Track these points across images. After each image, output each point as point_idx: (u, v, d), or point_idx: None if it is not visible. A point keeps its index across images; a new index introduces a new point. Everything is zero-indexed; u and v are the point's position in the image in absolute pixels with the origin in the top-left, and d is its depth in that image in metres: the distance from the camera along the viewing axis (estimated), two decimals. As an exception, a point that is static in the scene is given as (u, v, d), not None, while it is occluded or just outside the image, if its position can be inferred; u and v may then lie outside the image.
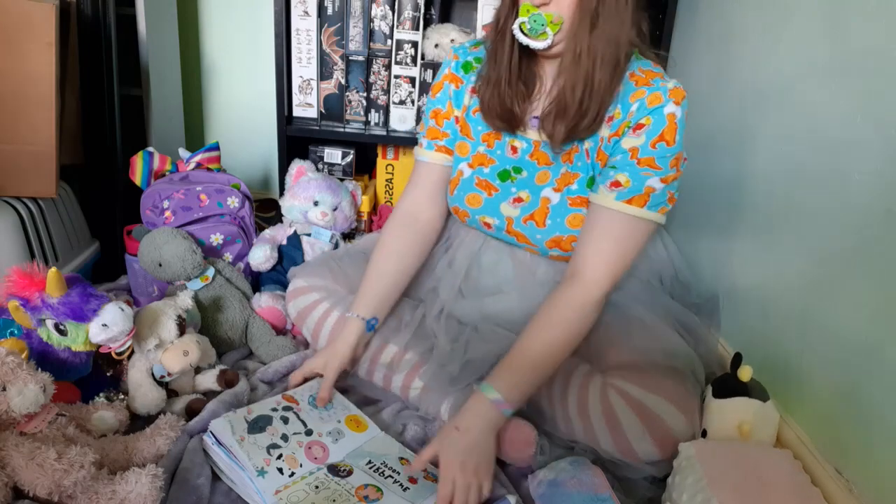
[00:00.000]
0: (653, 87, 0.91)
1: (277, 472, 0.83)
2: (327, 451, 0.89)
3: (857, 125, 0.90)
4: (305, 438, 0.90)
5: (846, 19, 0.95)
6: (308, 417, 0.94)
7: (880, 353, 0.83)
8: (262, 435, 0.87)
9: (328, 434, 0.92)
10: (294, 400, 0.97)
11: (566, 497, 0.82)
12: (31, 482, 0.74)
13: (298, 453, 0.87)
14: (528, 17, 0.89)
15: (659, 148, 0.91)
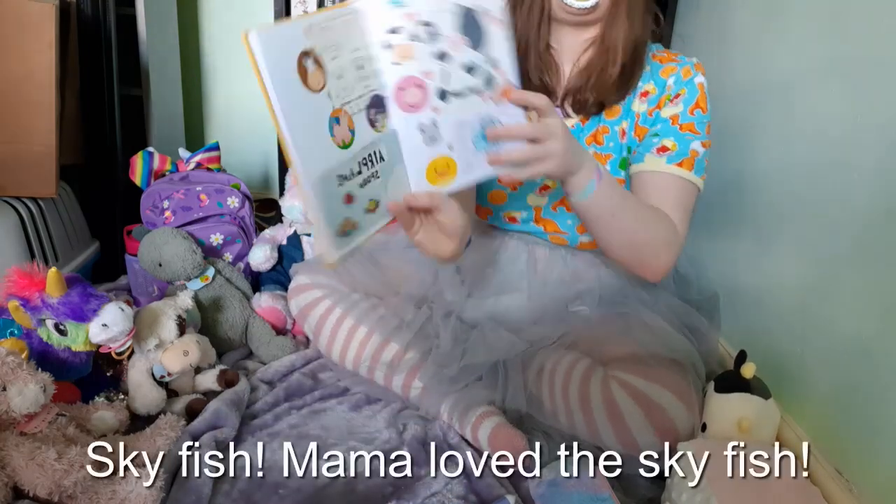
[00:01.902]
0: (680, 62, 0.96)
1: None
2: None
3: (857, 125, 0.90)
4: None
5: (846, 19, 0.95)
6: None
7: (880, 352, 0.83)
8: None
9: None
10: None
11: (566, 497, 0.82)
12: (31, 482, 0.74)
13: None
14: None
15: (696, 114, 0.94)
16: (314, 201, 0.63)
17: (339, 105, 0.63)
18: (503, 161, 0.71)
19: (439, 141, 0.70)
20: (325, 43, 0.61)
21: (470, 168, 0.72)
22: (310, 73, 0.60)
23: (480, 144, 0.70)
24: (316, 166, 0.62)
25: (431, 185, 0.72)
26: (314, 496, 0.85)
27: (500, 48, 0.67)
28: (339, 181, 0.65)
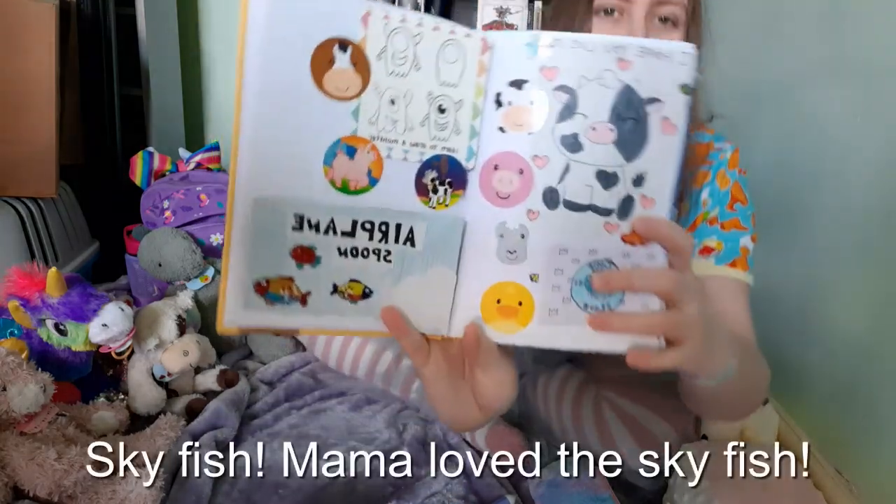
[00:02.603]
0: (714, 164, 0.81)
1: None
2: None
3: (857, 125, 0.90)
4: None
5: (846, 20, 0.95)
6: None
7: (880, 353, 0.83)
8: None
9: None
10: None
11: (566, 497, 0.82)
12: (31, 482, 0.74)
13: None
14: None
15: (737, 208, 0.81)
16: (237, 227, 0.41)
17: (368, 135, 0.42)
18: (614, 328, 0.45)
19: (520, 261, 0.46)
20: (390, 47, 0.41)
21: (552, 323, 0.46)
22: (335, 70, 0.40)
23: (580, 293, 0.46)
24: (266, 188, 0.41)
25: (483, 321, 0.47)
26: (314, 496, 0.85)
27: (659, 164, 0.44)
28: (295, 221, 0.42)
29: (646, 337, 0.45)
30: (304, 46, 0.40)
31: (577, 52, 0.43)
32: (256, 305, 0.42)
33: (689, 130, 0.53)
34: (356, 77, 0.41)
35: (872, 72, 0.88)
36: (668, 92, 0.44)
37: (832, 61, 0.97)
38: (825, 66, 0.99)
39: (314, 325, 0.45)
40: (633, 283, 0.45)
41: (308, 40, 0.40)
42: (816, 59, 1.02)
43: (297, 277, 0.43)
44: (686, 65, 0.43)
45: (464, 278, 0.47)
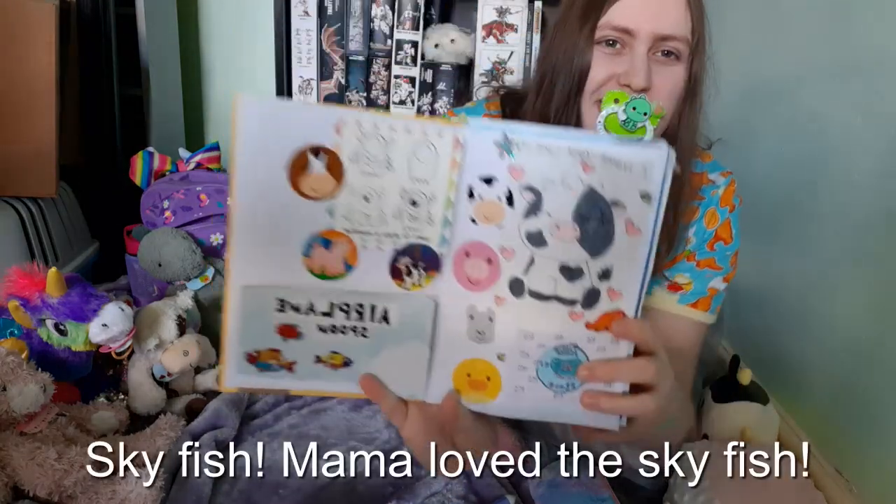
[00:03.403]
0: (704, 200, 0.80)
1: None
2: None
3: (857, 125, 0.90)
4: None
5: (847, 19, 0.95)
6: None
7: (880, 353, 0.83)
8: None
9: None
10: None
11: (566, 497, 0.82)
12: (31, 482, 0.74)
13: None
14: (624, 106, 0.65)
15: (717, 248, 0.81)
16: (231, 307, 0.47)
17: (342, 228, 0.46)
18: (605, 409, 0.51)
19: (488, 340, 0.50)
20: (364, 152, 0.45)
21: (518, 397, 0.51)
22: (311, 175, 0.44)
23: (546, 374, 0.50)
24: (253, 276, 0.46)
25: (455, 391, 0.52)
26: (314, 496, 0.85)
27: (625, 261, 0.48)
28: (278, 305, 0.47)
29: (614, 418, 0.52)
30: (281, 153, 0.44)
31: (542, 155, 0.46)
32: (249, 372, 0.49)
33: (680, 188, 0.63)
34: (330, 179, 0.45)
35: (873, 72, 0.88)
36: (631, 198, 0.46)
37: (832, 61, 0.97)
38: (825, 66, 0.99)
39: (300, 387, 0.51)
40: (620, 376, 0.50)
41: (285, 148, 0.44)
42: (816, 59, 1.02)
43: (283, 350, 0.49)
44: (647, 176, 0.46)
45: (437, 352, 0.51)
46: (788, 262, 1.05)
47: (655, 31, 0.68)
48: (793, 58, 1.09)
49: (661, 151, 0.46)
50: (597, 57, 0.71)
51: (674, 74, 0.70)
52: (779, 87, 1.12)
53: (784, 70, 1.11)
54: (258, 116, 0.44)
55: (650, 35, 0.68)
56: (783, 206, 1.08)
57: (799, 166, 1.04)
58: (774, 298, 1.08)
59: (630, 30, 0.69)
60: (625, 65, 0.69)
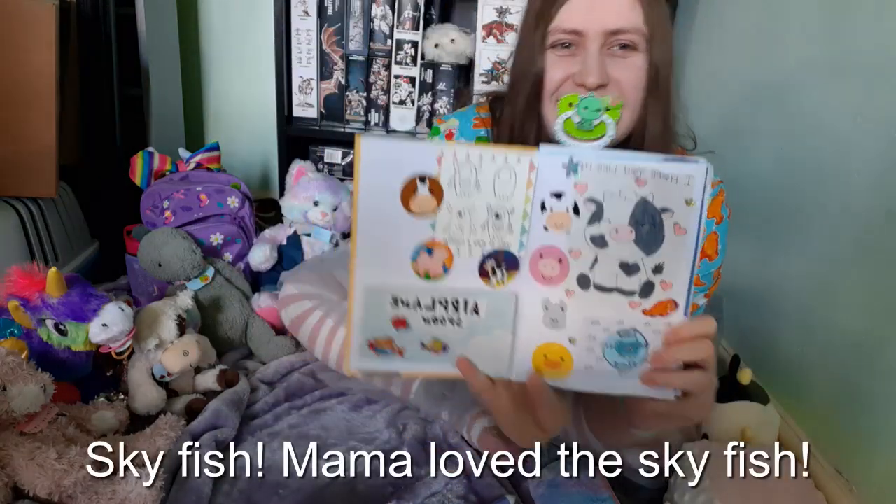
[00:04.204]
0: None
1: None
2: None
3: (857, 125, 0.90)
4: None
5: (846, 19, 0.95)
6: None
7: (880, 353, 0.83)
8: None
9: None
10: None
11: (566, 497, 0.82)
12: (31, 482, 0.74)
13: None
14: (575, 109, 0.69)
15: (702, 265, 0.80)
16: (355, 304, 0.59)
17: (442, 239, 0.57)
18: (661, 383, 0.59)
19: (561, 327, 0.59)
20: (458, 178, 0.56)
21: (589, 375, 0.60)
22: (417, 197, 0.56)
23: (611, 354, 0.59)
24: (373, 278, 0.58)
25: (535, 372, 0.61)
26: (314, 496, 0.85)
27: (675, 256, 0.56)
28: (393, 301, 0.59)
29: (670, 390, 0.59)
30: (395, 181, 0.55)
31: (602, 172, 0.55)
32: (369, 356, 0.60)
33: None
34: (433, 200, 0.56)
35: (872, 72, 0.88)
36: (677, 204, 0.55)
37: (832, 61, 0.97)
38: (825, 66, 0.99)
39: (409, 369, 0.62)
40: (680, 357, 0.57)
41: (398, 177, 0.55)
42: (816, 59, 1.02)
43: (395, 338, 0.60)
44: (690, 185, 0.54)
45: (518, 338, 0.60)
46: (788, 262, 1.05)
47: (604, 28, 0.69)
48: (793, 58, 1.09)
49: (700, 166, 0.54)
50: (553, 60, 0.73)
51: (634, 66, 0.71)
52: (779, 87, 1.12)
53: (784, 70, 1.11)
54: (376, 153, 0.54)
55: (599, 32, 0.70)
56: (783, 206, 1.08)
57: (799, 166, 1.04)
58: (774, 298, 1.08)
59: (579, 30, 0.70)
60: (579, 65, 0.71)
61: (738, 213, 1.20)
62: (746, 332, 1.15)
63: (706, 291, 0.83)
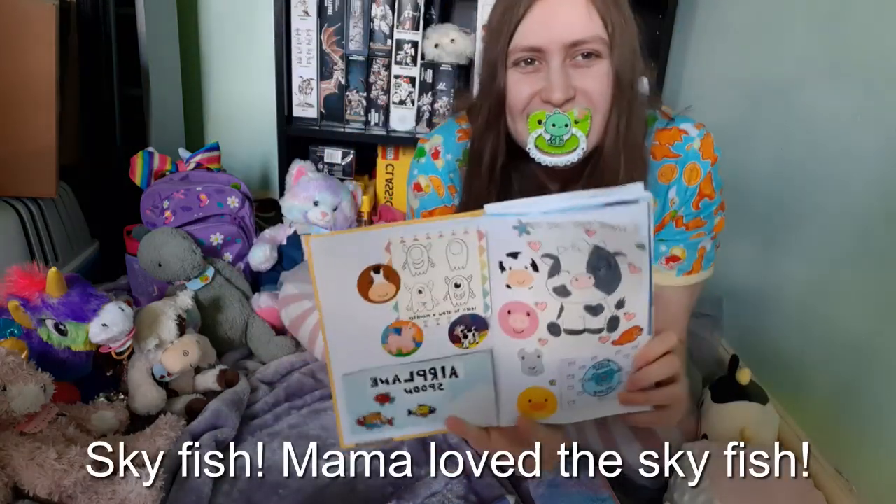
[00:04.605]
0: (680, 156, 0.79)
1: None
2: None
3: (857, 126, 0.90)
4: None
5: (846, 19, 0.95)
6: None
7: (880, 353, 0.83)
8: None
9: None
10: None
11: (566, 497, 0.82)
12: (31, 482, 0.74)
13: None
14: (544, 126, 0.71)
15: (702, 205, 0.80)
16: (337, 390, 0.62)
17: (407, 317, 0.59)
18: (639, 402, 0.63)
19: (539, 372, 0.62)
20: (409, 259, 0.57)
21: (573, 408, 0.64)
22: (375, 285, 0.57)
23: (590, 386, 0.62)
24: (348, 366, 0.61)
25: (522, 415, 0.65)
26: (314, 496, 0.85)
27: (633, 291, 0.58)
28: (372, 382, 0.61)
29: (645, 405, 0.63)
30: (350, 275, 0.57)
31: (552, 230, 0.56)
32: (360, 431, 0.64)
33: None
34: (390, 286, 0.58)
35: (872, 72, 0.88)
36: (629, 249, 0.56)
37: (832, 61, 0.97)
38: (825, 66, 0.99)
39: (401, 434, 0.65)
40: (652, 378, 0.61)
41: (352, 271, 0.57)
42: (816, 59, 1.02)
43: (382, 411, 0.63)
44: (636, 231, 0.56)
45: (501, 388, 0.63)
46: (788, 262, 1.05)
47: (563, 41, 0.69)
48: (792, 58, 1.09)
49: (642, 207, 0.55)
50: (518, 78, 0.73)
51: (599, 73, 0.71)
52: (779, 87, 1.12)
53: (784, 70, 1.11)
54: (325, 252, 0.56)
55: (559, 46, 0.70)
56: (783, 206, 1.08)
57: (799, 166, 1.04)
58: (774, 298, 1.08)
59: (538, 47, 0.70)
60: (544, 80, 0.71)
61: (738, 213, 1.20)
62: (746, 332, 1.15)
63: (711, 231, 0.83)
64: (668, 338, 0.61)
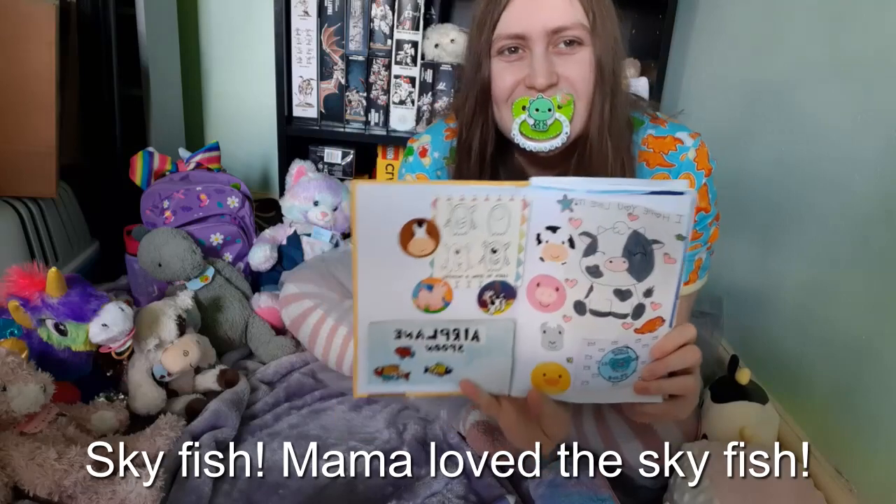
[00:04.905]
0: (674, 165, 0.79)
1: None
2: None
3: (857, 125, 0.90)
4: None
5: (846, 19, 0.95)
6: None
7: (880, 353, 0.83)
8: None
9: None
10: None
11: (566, 497, 0.82)
12: (31, 482, 0.74)
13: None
14: (528, 111, 0.72)
15: (698, 218, 0.80)
16: (359, 337, 0.62)
17: (440, 275, 0.59)
18: (652, 392, 0.63)
19: (558, 348, 0.63)
20: (453, 219, 0.57)
21: (585, 389, 0.64)
22: (415, 239, 0.57)
23: (605, 370, 0.63)
24: (376, 315, 0.61)
25: (534, 388, 0.65)
26: (314, 496, 0.85)
27: (663, 281, 0.59)
28: (396, 334, 0.62)
29: (657, 395, 0.64)
30: (393, 227, 0.56)
31: (595, 209, 0.56)
32: (376, 382, 0.64)
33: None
34: (430, 241, 0.58)
35: (872, 72, 0.88)
36: (667, 238, 0.57)
37: (832, 61, 0.97)
38: (825, 66, 0.99)
39: (414, 390, 0.65)
40: (669, 367, 0.61)
41: (395, 223, 0.56)
42: (816, 59, 1.02)
43: (400, 365, 0.63)
44: (680, 223, 0.57)
45: (518, 359, 0.64)
46: (788, 262, 1.05)
47: (546, 28, 0.71)
48: (792, 58, 1.09)
49: (686, 199, 0.56)
50: (502, 67, 0.74)
51: (582, 61, 0.72)
52: (778, 87, 1.12)
53: (783, 70, 1.11)
54: (372, 199, 0.56)
55: (542, 33, 0.71)
56: (783, 206, 1.08)
57: (798, 166, 1.04)
58: (774, 298, 1.08)
59: (521, 34, 0.72)
60: (527, 68, 0.72)
61: (738, 213, 1.20)
62: (746, 332, 1.15)
63: (706, 242, 0.83)
64: (687, 330, 0.62)
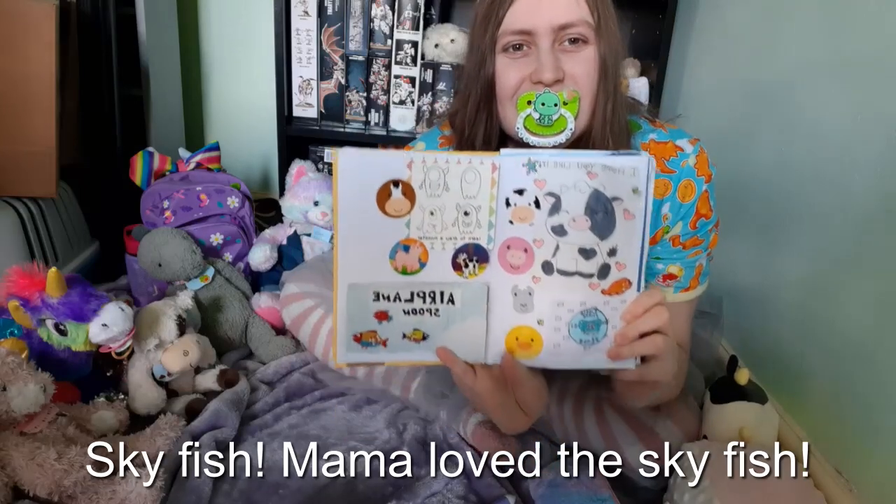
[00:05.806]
0: (675, 171, 0.79)
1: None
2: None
3: (857, 125, 0.90)
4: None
5: (846, 19, 0.95)
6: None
7: (880, 353, 0.83)
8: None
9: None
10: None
11: (566, 497, 0.82)
12: (31, 482, 0.74)
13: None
14: (534, 105, 0.72)
15: (699, 225, 0.81)
16: (339, 301, 0.64)
17: (416, 236, 0.62)
18: (626, 354, 0.64)
19: (529, 310, 0.65)
20: (427, 180, 0.61)
21: (557, 353, 0.66)
22: (392, 199, 0.61)
23: (576, 332, 0.65)
24: (355, 276, 0.63)
25: (508, 353, 0.67)
26: (314, 496, 0.85)
27: (626, 240, 0.62)
28: (374, 297, 0.64)
29: (629, 359, 0.65)
30: (371, 187, 0.61)
31: (557, 169, 0.61)
32: (355, 349, 0.66)
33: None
34: (406, 202, 0.61)
35: (872, 72, 0.88)
36: (625, 193, 0.61)
37: (832, 61, 0.97)
38: (825, 66, 0.99)
39: (392, 359, 0.67)
40: (642, 328, 0.63)
41: (373, 183, 0.60)
42: (816, 59, 1.02)
43: (378, 330, 0.65)
44: (635, 175, 0.61)
45: (492, 323, 0.66)
46: (788, 262, 1.05)
47: (552, 24, 0.71)
48: (792, 58, 1.09)
49: (643, 159, 0.61)
50: (507, 63, 0.74)
51: (586, 58, 0.73)
52: (778, 87, 1.12)
53: (783, 70, 1.11)
54: (353, 163, 0.60)
55: (548, 29, 0.71)
56: (783, 206, 1.08)
57: (799, 166, 1.04)
58: (774, 299, 1.08)
59: (528, 30, 0.72)
60: (533, 64, 0.72)
61: (738, 213, 1.20)
62: (746, 332, 1.15)
63: (707, 249, 0.84)
64: (654, 293, 0.64)
